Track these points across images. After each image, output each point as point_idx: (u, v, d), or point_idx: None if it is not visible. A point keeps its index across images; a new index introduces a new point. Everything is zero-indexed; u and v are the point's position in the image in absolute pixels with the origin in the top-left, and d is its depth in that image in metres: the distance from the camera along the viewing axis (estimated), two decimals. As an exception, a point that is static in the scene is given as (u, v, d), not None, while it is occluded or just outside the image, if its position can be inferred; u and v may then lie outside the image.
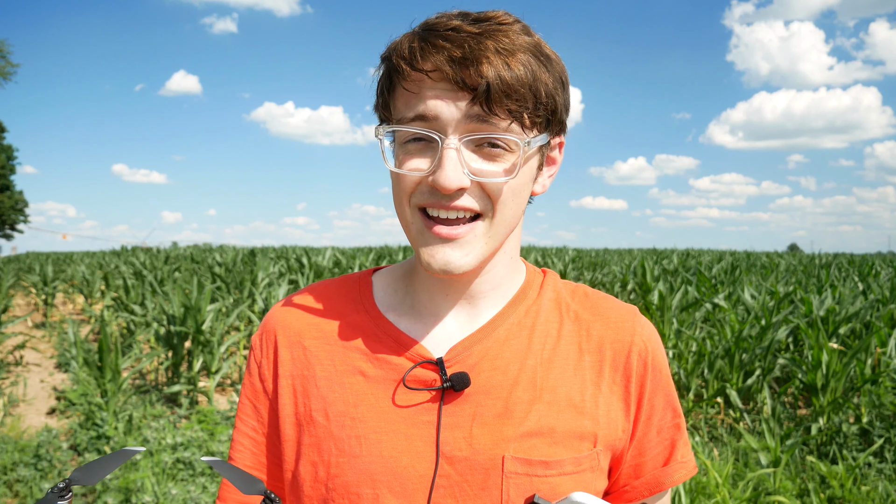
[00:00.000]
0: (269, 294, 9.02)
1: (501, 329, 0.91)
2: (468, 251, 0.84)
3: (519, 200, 0.86)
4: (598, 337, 0.93)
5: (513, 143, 0.82)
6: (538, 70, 0.82)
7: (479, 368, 0.88)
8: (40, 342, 9.88)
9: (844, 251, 47.97)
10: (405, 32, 0.85)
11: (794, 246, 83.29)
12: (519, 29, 0.83)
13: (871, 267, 17.40)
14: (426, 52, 0.80)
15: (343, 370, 0.91)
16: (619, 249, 38.46)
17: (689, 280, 11.46)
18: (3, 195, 53.62)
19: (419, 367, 0.88)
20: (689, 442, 0.97)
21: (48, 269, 13.82)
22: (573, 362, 0.91)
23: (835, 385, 5.67)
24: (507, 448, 0.85)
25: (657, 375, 0.93)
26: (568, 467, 0.86)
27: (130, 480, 4.18)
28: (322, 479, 0.88)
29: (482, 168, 0.82)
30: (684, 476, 0.94)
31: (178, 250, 27.63)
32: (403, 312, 0.94)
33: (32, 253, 38.72)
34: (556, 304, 0.96)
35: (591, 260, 20.03)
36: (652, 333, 0.96)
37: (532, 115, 0.82)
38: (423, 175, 0.82)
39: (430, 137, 0.81)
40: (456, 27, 0.81)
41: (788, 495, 4.13)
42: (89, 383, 6.33)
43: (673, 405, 0.95)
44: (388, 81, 0.86)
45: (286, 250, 23.93)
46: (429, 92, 0.80)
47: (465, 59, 0.78)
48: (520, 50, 0.81)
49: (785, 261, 22.16)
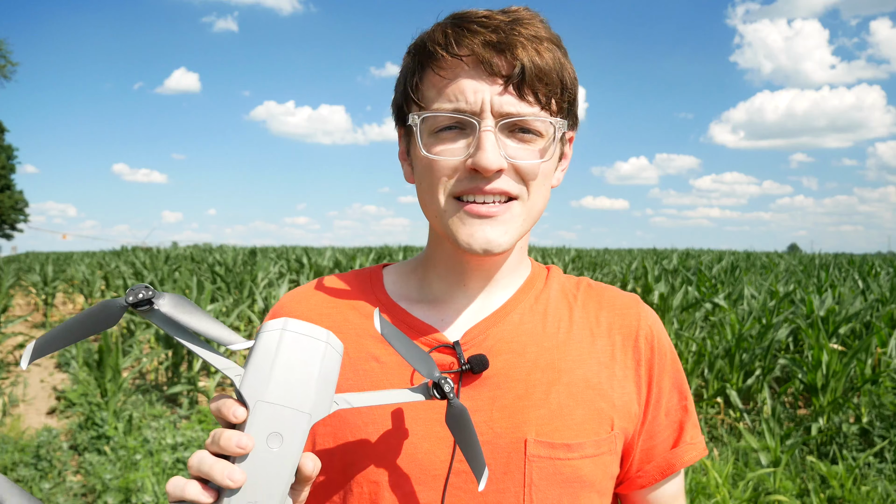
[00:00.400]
0: (269, 294, 9.03)
1: (515, 314, 0.92)
2: (506, 229, 0.85)
3: (547, 186, 0.89)
4: (607, 323, 0.95)
5: (544, 127, 0.85)
6: (563, 59, 0.86)
7: (496, 351, 0.89)
8: (40, 342, 9.87)
9: (845, 251, 47.97)
10: (435, 23, 0.88)
11: (794, 246, 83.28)
12: (540, 23, 0.87)
13: (871, 267, 17.39)
14: (462, 37, 0.83)
15: (357, 357, 0.90)
16: (620, 249, 38.47)
17: (689, 280, 11.46)
18: (3, 195, 53.64)
19: (436, 352, 0.88)
20: (698, 424, 0.98)
21: (48, 269, 13.82)
22: (587, 346, 0.92)
23: (835, 385, 5.67)
24: (529, 431, 0.85)
25: (663, 359, 0.95)
26: (589, 450, 0.86)
27: (130, 480, 4.18)
28: (338, 468, 0.87)
29: (518, 152, 0.84)
30: (695, 457, 0.95)
31: (179, 250, 27.63)
32: (416, 301, 0.95)
33: (32, 253, 38.76)
34: (563, 293, 0.98)
35: (591, 260, 20.03)
36: (656, 319, 0.98)
37: (559, 101, 0.86)
38: (460, 160, 0.83)
39: (465, 123, 0.83)
40: (487, 15, 0.85)
41: (788, 495, 4.13)
42: (89, 383, 6.33)
43: (679, 387, 0.97)
44: (420, 70, 0.87)
45: (286, 250, 23.94)
46: (464, 77, 0.83)
47: (501, 43, 0.81)
48: (546, 39, 0.85)
49: (785, 261, 22.16)
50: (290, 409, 0.67)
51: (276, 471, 0.66)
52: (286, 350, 0.67)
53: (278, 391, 0.67)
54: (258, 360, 0.68)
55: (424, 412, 0.86)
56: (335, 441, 0.87)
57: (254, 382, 0.67)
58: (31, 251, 42.60)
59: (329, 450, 0.88)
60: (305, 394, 0.67)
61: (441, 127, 0.84)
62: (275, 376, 0.67)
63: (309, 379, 0.68)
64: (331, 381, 0.70)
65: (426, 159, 0.85)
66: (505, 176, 0.84)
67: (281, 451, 0.66)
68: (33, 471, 4.48)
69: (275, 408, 0.66)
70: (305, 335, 0.68)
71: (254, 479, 0.65)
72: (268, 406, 0.67)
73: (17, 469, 4.52)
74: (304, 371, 0.68)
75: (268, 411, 0.66)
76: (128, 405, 5.96)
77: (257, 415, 0.66)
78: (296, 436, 0.67)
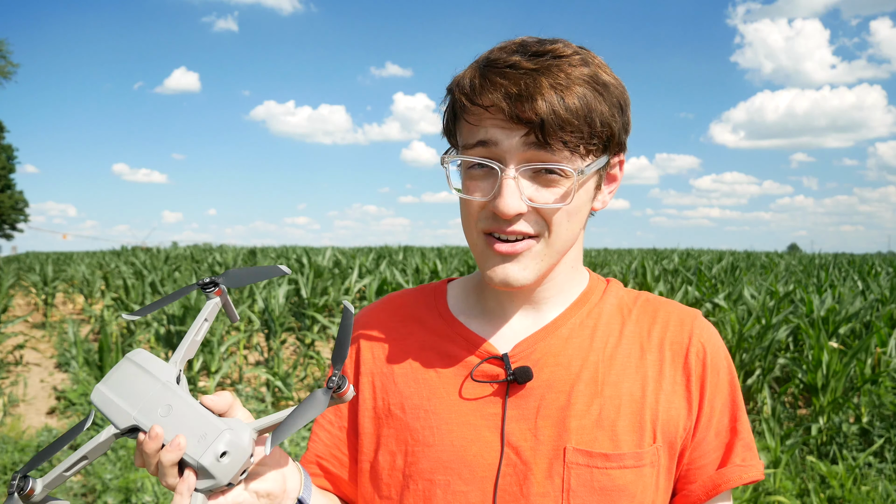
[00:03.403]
0: (269, 294, 9.02)
1: (564, 328, 0.97)
2: (525, 265, 0.90)
3: (575, 221, 0.92)
4: (659, 338, 0.96)
5: (568, 171, 0.86)
6: (593, 101, 0.86)
7: (543, 364, 0.94)
8: (40, 342, 9.88)
9: (845, 251, 47.98)
10: (470, 64, 0.92)
11: (794, 246, 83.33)
12: (578, 61, 0.87)
13: (871, 267, 17.40)
14: (485, 88, 0.86)
15: (418, 367, 0.99)
16: (620, 249, 38.48)
17: (689, 280, 11.46)
18: (3, 195, 53.65)
19: (486, 363, 0.95)
20: (753, 446, 0.97)
21: (48, 269, 13.82)
22: (635, 360, 0.95)
23: (835, 385, 5.67)
24: (570, 439, 0.90)
25: (716, 377, 0.95)
26: (629, 461, 0.89)
27: (130, 480, 4.19)
28: (399, 467, 0.95)
29: (538, 195, 0.87)
30: (742, 479, 0.95)
31: (179, 250, 27.62)
32: (474, 316, 1.01)
33: (32, 253, 38.73)
34: (619, 308, 1.00)
35: (591, 260, 20.04)
36: (712, 335, 0.98)
37: (587, 144, 0.87)
38: (485, 201, 0.88)
39: (490, 166, 0.87)
40: (514, 63, 0.86)
41: (788, 495, 4.13)
42: (89, 383, 6.33)
43: (732, 408, 0.97)
44: (452, 112, 0.93)
45: (286, 250, 23.95)
46: (488, 124, 0.87)
47: (521, 95, 0.84)
48: (575, 83, 0.85)
49: (785, 261, 22.17)
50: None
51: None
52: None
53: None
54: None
55: (474, 419, 0.93)
56: (397, 443, 0.96)
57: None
58: (31, 251, 42.55)
59: (391, 451, 0.96)
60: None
61: (471, 165, 0.90)
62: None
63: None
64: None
65: (460, 197, 0.92)
66: (524, 220, 0.88)
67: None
68: (33, 471, 4.48)
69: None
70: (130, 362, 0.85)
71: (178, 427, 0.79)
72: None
73: (16, 469, 4.52)
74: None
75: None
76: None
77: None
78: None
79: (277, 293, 8.87)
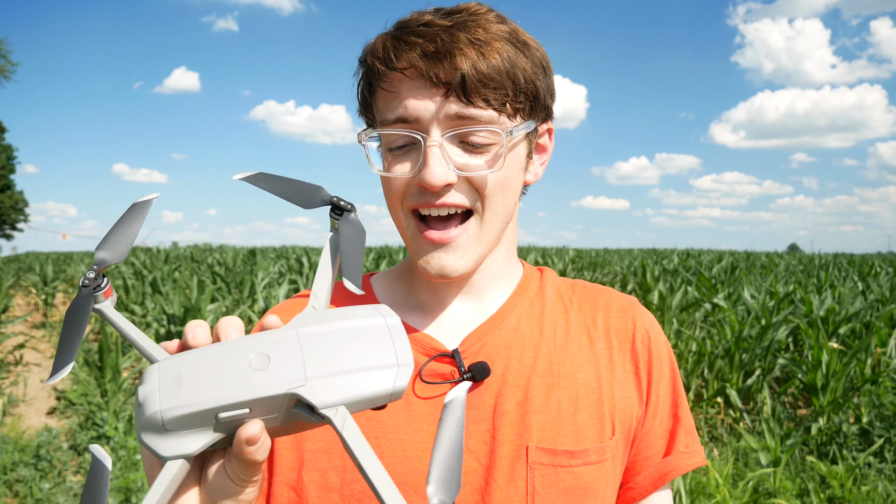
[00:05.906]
0: (269, 294, 9.02)
1: (511, 318, 0.90)
2: (462, 254, 0.83)
3: (509, 192, 0.85)
4: (604, 325, 0.92)
5: (495, 131, 0.80)
6: (515, 56, 0.81)
7: (495, 357, 0.86)
8: (40, 342, 9.87)
9: (845, 251, 47.98)
10: (380, 33, 0.85)
11: (794, 246, 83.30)
12: (493, 18, 0.82)
13: (871, 267, 17.40)
14: (399, 49, 0.80)
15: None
16: (620, 249, 38.47)
17: (689, 280, 11.45)
18: (3, 195, 53.61)
19: (434, 361, 0.85)
20: (694, 432, 0.94)
21: (48, 269, 13.82)
22: (586, 349, 0.90)
23: (835, 385, 5.67)
24: (531, 437, 0.82)
25: (660, 362, 0.92)
26: (592, 457, 0.84)
27: (130, 480, 4.19)
28: (335, 487, 0.81)
29: (467, 162, 0.81)
30: (688, 466, 0.91)
31: (179, 250, 27.62)
32: (408, 309, 0.92)
33: (32, 253, 38.72)
34: (559, 296, 0.95)
35: (591, 260, 20.02)
36: (653, 322, 0.95)
37: (513, 102, 0.81)
38: (410, 176, 0.81)
39: (413, 139, 0.81)
40: (427, 22, 0.81)
41: (788, 495, 4.13)
42: (89, 383, 6.33)
43: (674, 394, 0.93)
44: (368, 84, 0.85)
45: (286, 250, 23.95)
46: (406, 91, 0.80)
47: (438, 52, 0.78)
48: (495, 39, 0.80)
49: (784, 261, 22.16)
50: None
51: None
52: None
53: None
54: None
55: (427, 424, 0.83)
56: (329, 458, 0.83)
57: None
58: (31, 251, 42.52)
59: (321, 468, 0.82)
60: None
61: (394, 145, 0.83)
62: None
63: None
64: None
65: (382, 176, 0.85)
66: (455, 190, 0.81)
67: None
68: (33, 471, 4.48)
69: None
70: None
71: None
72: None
73: (17, 469, 4.52)
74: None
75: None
76: (128, 405, 5.95)
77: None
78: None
79: (278, 293, 8.87)
